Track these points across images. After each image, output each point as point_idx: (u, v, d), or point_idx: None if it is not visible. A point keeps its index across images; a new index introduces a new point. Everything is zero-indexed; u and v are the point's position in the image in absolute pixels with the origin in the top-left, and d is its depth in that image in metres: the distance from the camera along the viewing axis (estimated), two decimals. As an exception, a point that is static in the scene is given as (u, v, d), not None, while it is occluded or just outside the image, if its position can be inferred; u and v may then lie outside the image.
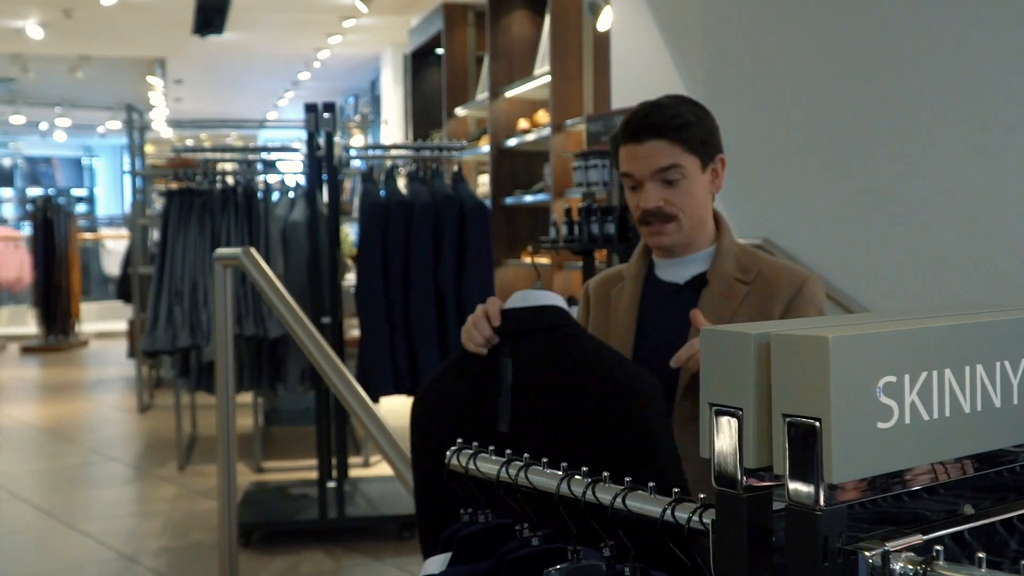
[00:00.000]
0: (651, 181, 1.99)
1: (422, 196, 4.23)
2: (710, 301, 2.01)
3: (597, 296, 2.17)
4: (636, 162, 2.00)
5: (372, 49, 12.49)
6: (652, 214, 2.01)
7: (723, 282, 2.01)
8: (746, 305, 1.99)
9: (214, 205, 4.44)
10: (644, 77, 5.27)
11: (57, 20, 10.22)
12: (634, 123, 2.01)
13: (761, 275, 2.01)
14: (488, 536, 1.34)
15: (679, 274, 2.07)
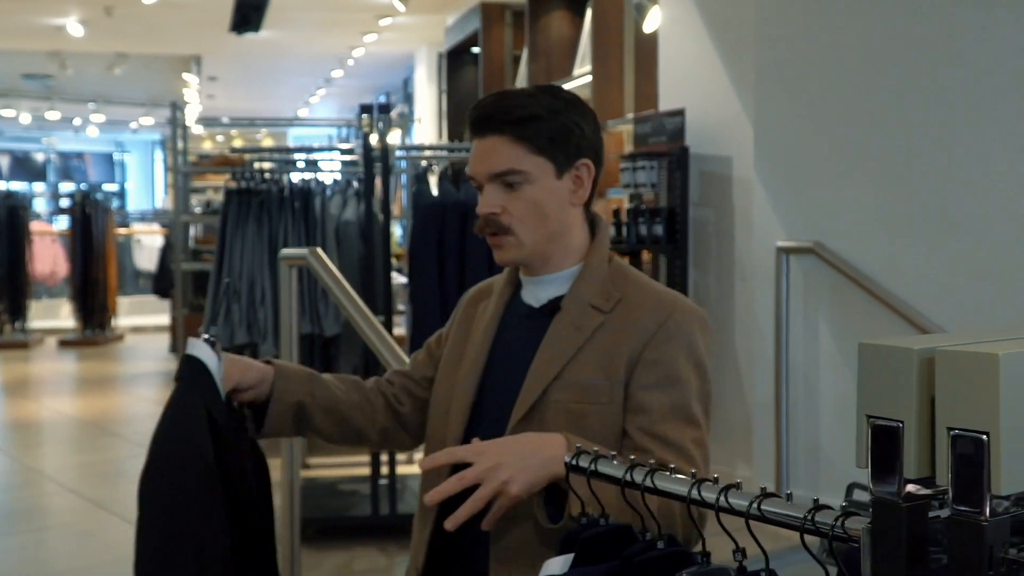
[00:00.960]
0: (490, 183, 1.71)
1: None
2: (559, 330, 1.72)
3: (465, 309, 1.91)
4: (475, 160, 1.73)
5: (406, 47, 12.54)
6: (487, 222, 1.73)
7: (578, 309, 1.72)
8: (598, 338, 1.69)
9: (271, 204, 4.50)
10: (692, 79, 5.30)
11: (98, 18, 10.32)
12: (475, 113, 1.73)
13: (623, 303, 1.71)
14: (610, 538, 1.38)
15: (536, 295, 1.79)
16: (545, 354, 1.70)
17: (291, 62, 13.42)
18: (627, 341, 1.67)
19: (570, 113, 1.71)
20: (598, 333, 1.69)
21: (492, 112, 1.70)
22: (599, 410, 1.66)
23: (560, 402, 1.67)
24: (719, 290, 5.15)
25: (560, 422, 1.65)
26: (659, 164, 5.14)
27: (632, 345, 1.66)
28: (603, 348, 1.68)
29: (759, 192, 4.85)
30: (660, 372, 1.66)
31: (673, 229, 5.05)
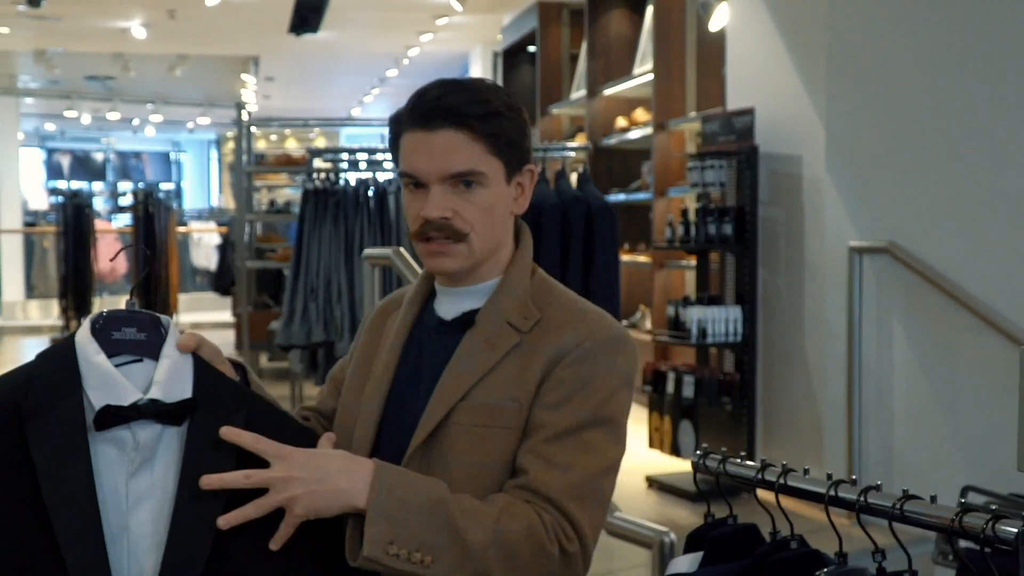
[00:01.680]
0: (439, 184, 1.53)
1: (549, 197, 4.30)
2: (471, 347, 1.57)
3: (376, 319, 1.73)
4: (423, 157, 1.53)
5: (461, 47, 12.60)
6: (437, 227, 1.55)
7: (493, 325, 1.57)
8: (512, 359, 1.55)
9: (347, 204, 4.55)
10: (761, 77, 5.28)
11: (161, 20, 10.48)
12: (425, 103, 1.52)
13: (543, 323, 1.56)
14: (738, 537, 1.40)
15: (450, 308, 1.62)
16: (453, 372, 1.55)
17: (346, 62, 13.53)
18: (540, 362, 1.52)
19: (522, 115, 1.58)
20: (512, 353, 1.54)
21: (453, 104, 1.51)
22: (505, 435, 1.51)
23: (463, 425, 1.52)
24: (788, 290, 5.14)
25: (462, 446, 1.52)
26: (728, 163, 5.13)
27: (545, 366, 1.52)
28: (515, 369, 1.54)
29: (830, 191, 4.83)
30: (564, 391, 1.51)
31: (742, 228, 5.04)
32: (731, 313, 5.07)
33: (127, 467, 1.38)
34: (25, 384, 1.39)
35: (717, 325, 5.04)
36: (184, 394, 1.42)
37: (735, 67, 5.54)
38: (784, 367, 5.14)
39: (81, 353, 1.41)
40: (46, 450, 1.35)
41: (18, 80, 15.27)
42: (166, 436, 1.40)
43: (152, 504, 1.38)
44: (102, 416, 1.36)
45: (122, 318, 1.45)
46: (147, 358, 1.45)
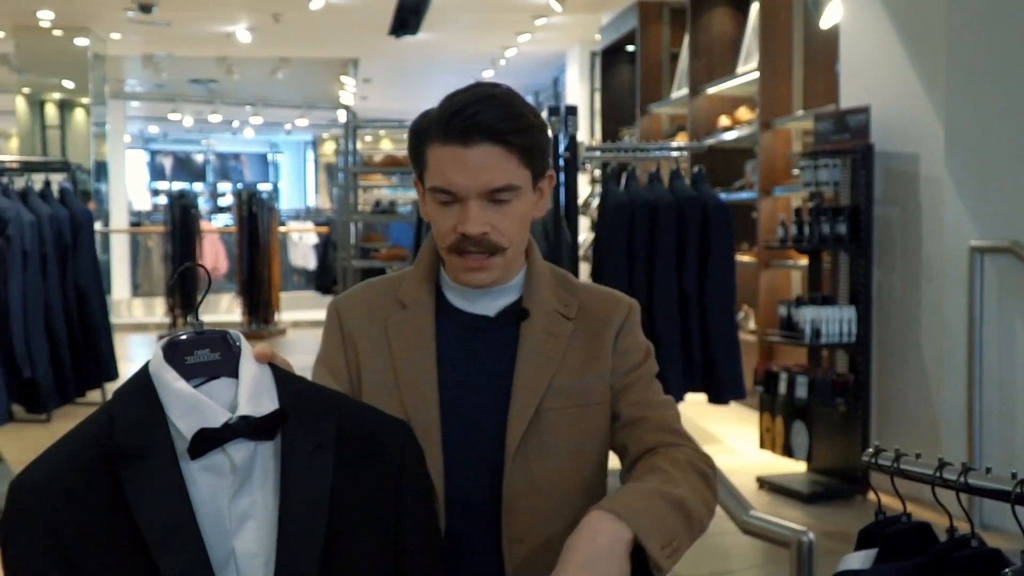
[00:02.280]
0: (477, 199, 1.55)
1: (665, 197, 4.31)
2: (535, 338, 1.64)
3: (364, 326, 1.68)
4: (461, 173, 1.54)
5: (558, 47, 12.62)
6: (475, 242, 1.57)
7: (545, 315, 1.66)
8: (575, 343, 1.65)
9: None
10: (876, 74, 5.21)
11: (265, 24, 10.70)
12: (462, 120, 1.53)
13: (583, 308, 1.68)
14: (912, 535, 1.40)
15: (487, 305, 1.66)
16: (528, 363, 1.61)
17: (443, 63, 13.65)
18: (605, 340, 1.66)
19: (544, 123, 1.63)
20: (573, 338, 1.65)
21: (490, 120, 1.52)
22: (598, 409, 1.65)
23: (557, 409, 1.61)
24: (904, 290, 5.06)
25: (560, 429, 1.61)
26: (842, 162, 5.07)
27: (611, 342, 1.66)
28: (585, 350, 1.65)
29: (950, 190, 4.74)
30: (633, 356, 1.68)
31: (856, 228, 4.98)
32: (845, 313, 5.01)
33: (226, 491, 1.36)
34: (107, 426, 1.37)
35: (831, 325, 4.98)
36: (271, 406, 1.40)
37: (848, 65, 5.47)
38: (899, 368, 5.06)
39: (159, 383, 1.38)
40: (141, 489, 1.33)
41: (125, 84, 15.73)
42: (260, 452, 1.39)
43: (255, 523, 1.37)
44: (197, 441, 1.34)
45: (193, 341, 1.42)
46: (224, 376, 1.42)
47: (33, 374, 4.41)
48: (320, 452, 1.40)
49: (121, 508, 1.32)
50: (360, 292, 1.74)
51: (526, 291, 1.67)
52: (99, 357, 4.63)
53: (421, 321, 1.66)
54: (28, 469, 1.38)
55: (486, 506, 1.61)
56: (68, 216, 4.65)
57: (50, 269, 4.54)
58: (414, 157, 1.63)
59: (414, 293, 1.68)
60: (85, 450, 1.36)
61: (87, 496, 1.33)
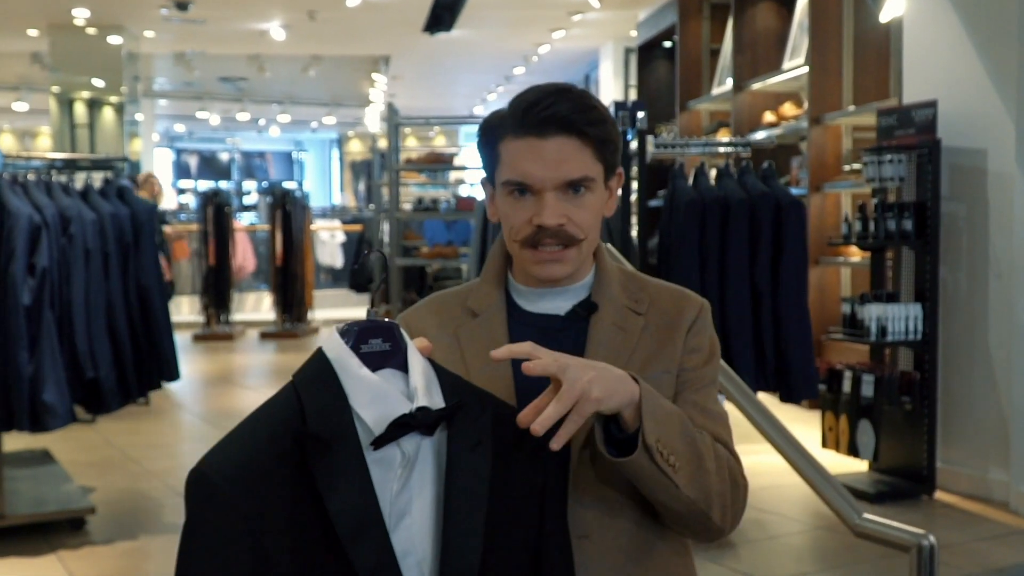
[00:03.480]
0: (553, 191, 1.55)
1: (736, 193, 4.25)
2: (603, 332, 1.62)
3: (435, 338, 1.61)
4: (537, 164, 1.54)
5: (591, 43, 12.57)
6: (552, 234, 1.56)
7: (615, 310, 1.64)
8: (646, 339, 1.64)
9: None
10: (942, 69, 5.13)
11: (300, 22, 10.69)
12: (538, 112, 1.54)
13: (654, 304, 1.67)
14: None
15: (557, 305, 1.65)
16: (597, 357, 1.57)
17: (475, 60, 13.62)
18: (677, 336, 1.64)
19: (613, 117, 1.63)
20: (644, 334, 1.63)
21: (565, 112, 1.54)
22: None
23: None
24: (971, 287, 4.98)
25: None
26: (907, 157, 5.00)
27: (679, 339, 1.64)
28: (655, 345, 1.63)
29: (1021, 186, 4.67)
30: (700, 356, 1.65)
31: (923, 224, 4.91)
32: (911, 311, 4.94)
33: (392, 484, 1.32)
34: (298, 411, 1.31)
35: (897, 323, 4.91)
36: (439, 399, 1.37)
37: (912, 59, 5.39)
38: (966, 366, 4.99)
39: (343, 370, 1.33)
40: (332, 479, 1.28)
41: (154, 83, 15.75)
42: (422, 447, 1.35)
43: (409, 520, 1.33)
44: (388, 432, 1.30)
45: (369, 329, 1.37)
46: (389, 367, 1.37)
47: (96, 374, 4.37)
48: (481, 448, 1.37)
49: (310, 498, 1.28)
50: (427, 306, 1.72)
51: (595, 288, 1.65)
52: (161, 357, 4.59)
53: (493, 327, 1.64)
54: (217, 454, 1.31)
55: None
56: (129, 214, 4.61)
57: (112, 268, 4.50)
58: (484, 154, 1.62)
59: (484, 301, 1.67)
60: (279, 435, 1.30)
61: (282, 484, 1.28)
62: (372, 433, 1.31)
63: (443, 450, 1.37)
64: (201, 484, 1.28)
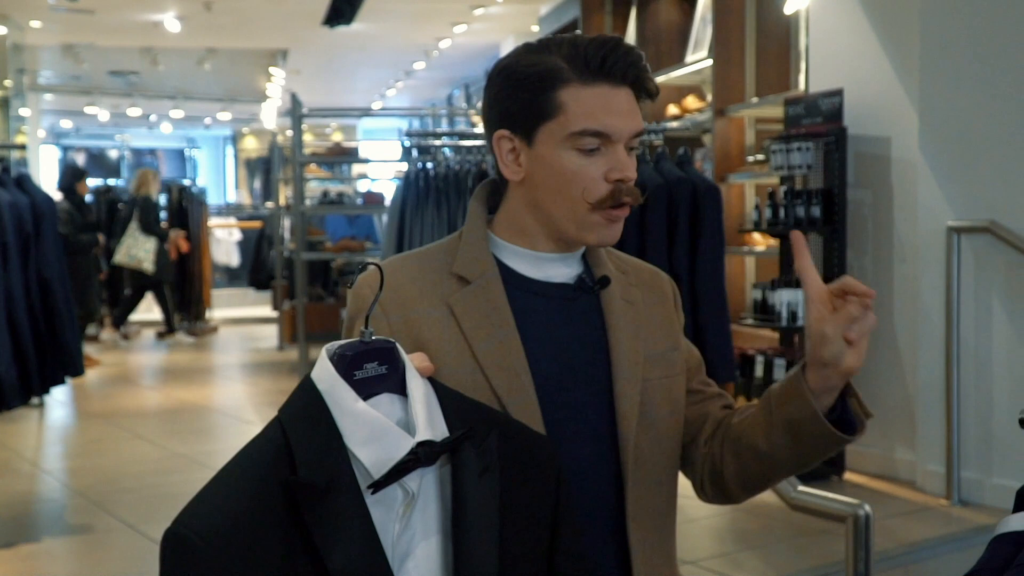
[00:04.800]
0: (623, 144, 1.47)
1: (653, 179, 4.27)
2: (619, 307, 1.56)
3: (421, 309, 1.50)
4: (614, 114, 1.45)
5: (493, 38, 12.54)
6: (628, 191, 1.48)
7: (619, 283, 1.59)
8: (648, 309, 1.60)
9: (449, 188, 4.52)
10: (846, 59, 5.24)
11: (196, 13, 10.42)
12: (617, 58, 1.44)
13: (638, 277, 1.64)
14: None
15: (562, 272, 1.56)
16: (622, 333, 1.54)
17: (375, 54, 13.46)
18: (669, 311, 1.64)
19: None
20: (645, 308, 1.59)
21: (635, 60, 1.46)
22: (680, 380, 1.61)
23: (653, 379, 1.56)
24: (876, 272, 5.10)
25: (659, 400, 1.56)
26: (815, 145, 5.09)
27: (673, 313, 1.65)
28: (658, 318, 1.61)
29: (924, 172, 4.79)
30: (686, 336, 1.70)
31: (830, 211, 5.01)
32: (820, 296, 5.02)
33: (394, 525, 1.21)
34: (285, 456, 1.18)
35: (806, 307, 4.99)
36: (441, 427, 1.26)
37: (818, 49, 5.49)
38: (873, 348, 5.10)
39: (335, 404, 1.21)
40: (331, 531, 1.15)
41: (39, 76, 15.20)
42: (424, 481, 1.24)
43: (415, 560, 1.22)
44: (387, 478, 1.18)
45: (362, 352, 1.25)
46: (385, 392, 1.27)
47: (-5, 370, 4.19)
48: (488, 475, 1.25)
49: (306, 552, 1.14)
50: (400, 270, 1.53)
51: (592, 259, 1.58)
52: (64, 352, 4.42)
53: (493, 295, 1.50)
54: (195, 510, 1.15)
55: (598, 486, 1.52)
56: (29, 203, 4.42)
57: (11, 259, 4.31)
58: (529, 103, 1.46)
59: (474, 265, 1.52)
60: (263, 484, 1.16)
61: (271, 538, 1.14)
62: (370, 475, 1.19)
63: (447, 480, 1.25)
64: (177, 546, 1.13)
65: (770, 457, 1.52)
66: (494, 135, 1.54)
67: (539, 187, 1.50)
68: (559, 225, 1.51)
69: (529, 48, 1.53)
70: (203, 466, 5.61)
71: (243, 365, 9.42)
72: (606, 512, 1.53)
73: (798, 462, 1.53)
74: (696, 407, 1.65)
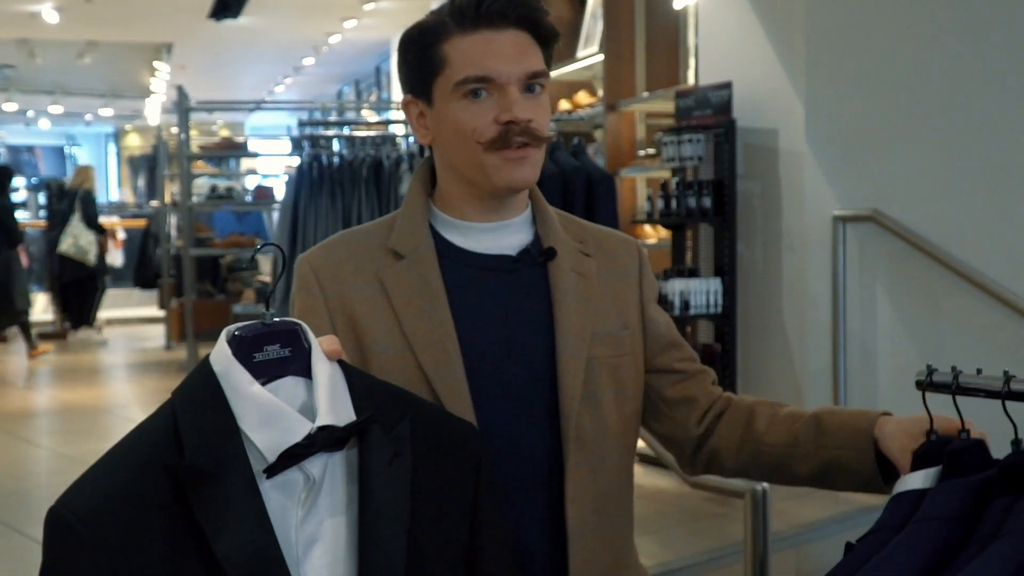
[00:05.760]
0: (515, 86, 1.44)
1: (549, 168, 4.29)
2: (565, 280, 1.51)
3: (354, 286, 1.48)
4: (497, 57, 1.43)
5: (383, 34, 12.46)
6: (522, 130, 1.43)
7: (569, 254, 1.53)
8: (602, 283, 1.54)
9: (344, 179, 4.47)
10: (735, 52, 5.34)
11: (75, 4, 10.12)
12: (490, 2, 1.44)
13: (599, 246, 1.59)
14: (975, 451, 1.41)
15: (501, 243, 1.51)
16: (568, 308, 1.49)
17: (263, 50, 13.26)
18: (628, 287, 1.58)
19: None
20: (599, 279, 1.54)
21: (523, 4, 1.46)
22: (630, 360, 1.56)
23: (601, 358, 1.51)
24: (766, 261, 5.22)
25: (605, 380, 1.51)
26: (705, 137, 5.18)
27: (633, 290, 1.59)
28: (611, 294, 1.55)
29: (811, 163, 4.92)
30: (661, 308, 1.64)
31: (721, 202, 5.10)
32: (711, 285, 5.12)
33: (296, 511, 1.18)
34: (173, 437, 1.16)
35: (698, 297, 5.09)
36: (348, 411, 1.23)
37: (707, 43, 5.59)
38: (764, 336, 5.21)
39: (230, 386, 1.18)
40: (218, 515, 1.12)
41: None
42: (330, 465, 1.21)
43: (323, 545, 1.19)
44: (280, 463, 1.15)
45: (263, 334, 1.22)
46: (290, 376, 1.24)
47: None
48: (398, 461, 1.22)
49: (192, 536, 1.12)
50: (338, 246, 1.52)
51: (541, 228, 1.55)
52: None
53: (425, 269, 1.47)
54: (76, 491, 1.14)
55: (537, 464, 1.49)
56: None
57: None
58: (417, 64, 1.48)
59: (409, 239, 1.49)
60: (148, 467, 1.14)
61: (156, 523, 1.12)
62: (266, 460, 1.15)
63: (355, 465, 1.22)
64: (56, 525, 1.11)
65: (794, 478, 1.55)
66: (403, 102, 1.54)
67: (445, 144, 1.50)
68: (468, 176, 1.49)
69: (426, 15, 1.53)
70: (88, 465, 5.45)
71: (130, 365, 9.17)
72: (544, 492, 1.48)
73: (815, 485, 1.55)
74: (678, 387, 1.61)
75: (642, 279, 1.61)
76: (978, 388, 1.42)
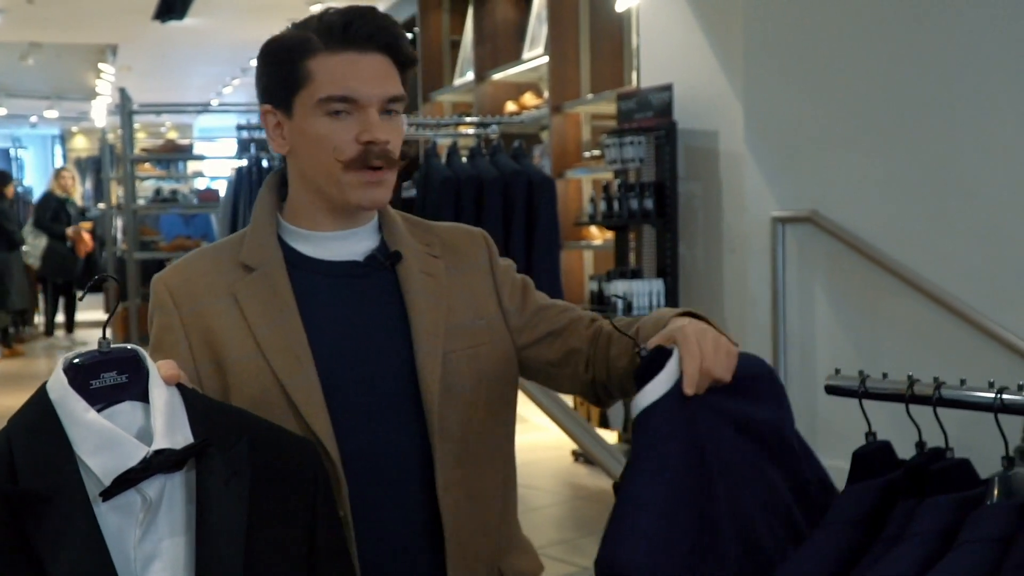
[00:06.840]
0: (374, 108, 1.50)
1: (489, 171, 4.30)
2: (415, 281, 1.57)
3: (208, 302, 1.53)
4: (359, 79, 1.48)
5: (331, 35, 12.42)
6: (380, 153, 1.50)
7: (416, 256, 1.60)
8: (452, 281, 1.61)
9: (282, 182, 4.43)
10: (675, 55, 5.38)
11: (17, 4, 9.95)
12: (357, 27, 1.49)
13: (445, 244, 1.65)
14: (881, 453, 1.43)
15: (349, 250, 1.58)
16: (421, 307, 1.56)
17: (209, 51, 13.13)
18: (478, 278, 1.64)
19: None
20: (448, 277, 1.61)
21: (381, 26, 1.51)
22: (489, 349, 1.61)
23: (459, 351, 1.57)
24: (707, 262, 5.26)
25: (464, 370, 1.58)
26: (647, 139, 5.21)
27: (485, 279, 1.64)
28: (465, 289, 1.62)
29: (750, 164, 4.96)
30: (517, 286, 1.68)
31: (662, 203, 5.14)
32: (654, 286, 5.15)
33: (134, 531, 1.22)
34: (7, 466, 1.18)
35: (641, 298, 5.12)
36: (185, 434, 1.27)
37: (648, 46, 5.63)
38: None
39: (65, 413, 1.21)
40: (52, 539, 1.15)
41: None
42: (168, 486, 1.25)
43: (161, 563, 1.23)
44: (115, 486, 1.18)
45: (100, 362, 1.25)
46: (128, 400, 1.27)
47: None
48: (236, 481, 1.26)
49: (27, 561, 1.14)
50: (192, 264, 1.58)
51: (387, 234, 1.61)
52: None
53: (274, 279, 1.53)
54: None
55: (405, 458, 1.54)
56: None
57: None
58: (280, 75, 1.52)
59: (258, 252, 1.55)
60: None
61: None
62: (102, 484, 1.19)
63: (194, 485, 1.26)
64: None
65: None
66: (261, 111, 1.59)
67: (301, 156, 1.55)
68: (323, 190, 1.54)
69: (289, 27, 1.57)
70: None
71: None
72: (416, 485, 1.54)
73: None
74: (556, 346, 1.65)
75: (493, 267, 1.66)
76: (884, 392, 1.44)
